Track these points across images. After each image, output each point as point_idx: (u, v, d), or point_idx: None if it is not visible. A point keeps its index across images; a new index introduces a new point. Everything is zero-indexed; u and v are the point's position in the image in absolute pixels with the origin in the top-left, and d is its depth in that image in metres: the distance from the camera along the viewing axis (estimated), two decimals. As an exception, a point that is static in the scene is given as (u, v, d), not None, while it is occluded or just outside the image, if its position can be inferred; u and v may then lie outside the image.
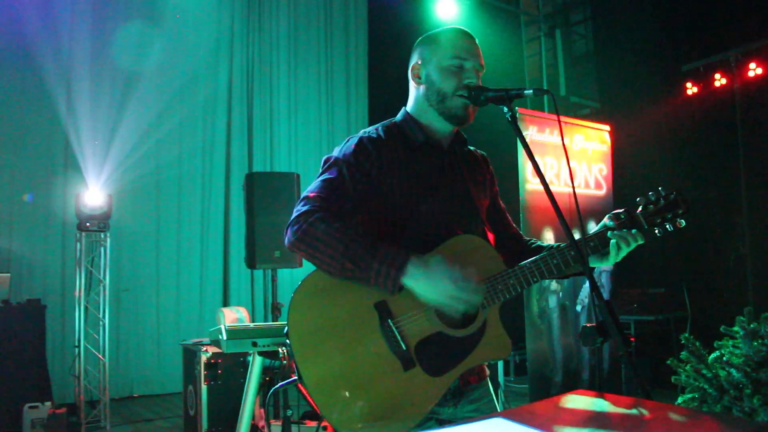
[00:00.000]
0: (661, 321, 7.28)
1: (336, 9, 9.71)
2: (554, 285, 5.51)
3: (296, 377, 1.70)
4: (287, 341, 1.69)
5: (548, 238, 5.43)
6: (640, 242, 1.82)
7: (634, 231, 1.80)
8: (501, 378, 5.47)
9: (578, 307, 5.67)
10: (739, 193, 7.22)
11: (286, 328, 1.70)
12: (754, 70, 7.16)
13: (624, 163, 6.70)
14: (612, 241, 1.81)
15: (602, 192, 6.11)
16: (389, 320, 1.69)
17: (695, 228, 7.40)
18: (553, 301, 5.50)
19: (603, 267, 5.99)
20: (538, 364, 5.38)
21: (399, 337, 1.69)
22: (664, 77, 7.98)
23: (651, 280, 7.73)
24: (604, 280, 5.96)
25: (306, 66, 9.34)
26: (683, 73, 7.80)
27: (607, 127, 6.29)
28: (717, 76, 7.52)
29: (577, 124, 6.20)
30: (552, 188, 1.57)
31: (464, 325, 1.75)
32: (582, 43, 9.75)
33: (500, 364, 5.49)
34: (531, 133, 5.50)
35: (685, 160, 7.55)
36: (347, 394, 1.65)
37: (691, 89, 7.75)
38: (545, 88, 9.23)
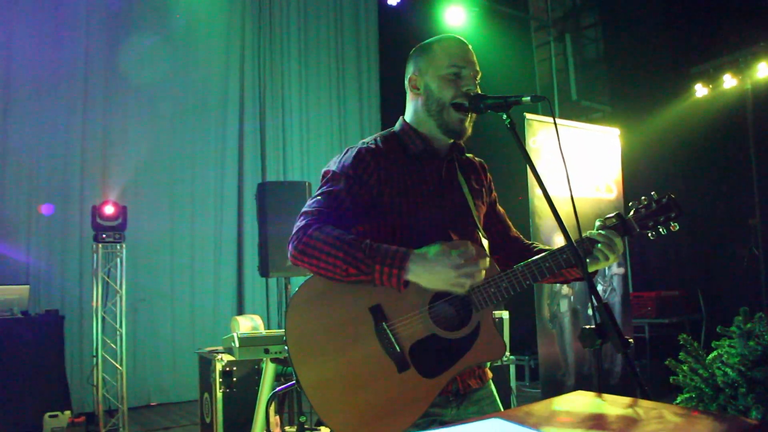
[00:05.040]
0: (676, 324, 7.25)
1: (346, 19, 9.82)
2: (565, 289, 5.50)
3: (294, 381, 1.75)
4: (285, 347, 1.74)
5: (559, 242, 5.43)
6: (620, 251, 1.86)
7: (616, 240, 1.84)
8: (513, 383, 5.46)
9: (590, 311, 5.66)
10: (752, 194, 7.16)
11: (284, 334, 1.75)
12: (763, 70, 7.12)
13: (635, 166, 6.67)
14: (599, 247, 1.84)
15: (613, 195, 6.09)
16: (384, 323, 1.72)
17: (708, 230, 7.40)
18: (564, 306, 5.49)
19: (614, 270, 6.02)
20: (549, 368, 5.37)
21: (393, 340, 1.71)
22: (674, 79, 7.95)
23: (665, 283, 7.69)
24: (615, 284, 5.94)
25: (317, 75, 9.45)
26: (693, 74, 7.77)
27: (617, 130, 6.26)
28: (726, 77, 7.48)
29: (587, 128, 6.18)
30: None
31: (458, 328, 1.77)
32: (592, 47, 9.70)
33: (512, 369, 5.48)
34: (540, 138, 5.51)
35: (696, 162, 7.51)
36: (343, 395, 1.69)
37: (701, 90, 7.73)
38: (555, 92, 9.25)
